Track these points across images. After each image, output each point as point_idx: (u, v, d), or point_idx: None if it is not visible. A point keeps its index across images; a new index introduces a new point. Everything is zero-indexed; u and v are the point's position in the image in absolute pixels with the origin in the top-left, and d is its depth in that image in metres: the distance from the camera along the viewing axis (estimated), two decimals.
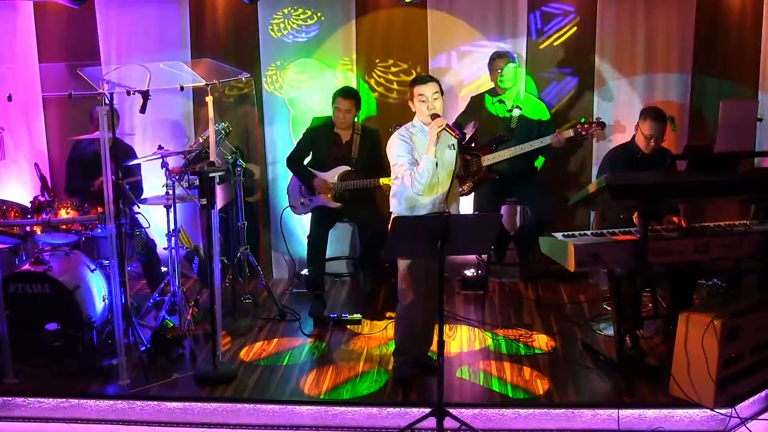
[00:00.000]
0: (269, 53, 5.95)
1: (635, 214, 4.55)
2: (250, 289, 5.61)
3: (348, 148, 5.35)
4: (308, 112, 5.90)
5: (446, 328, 4.97)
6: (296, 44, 5.93)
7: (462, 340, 4.87)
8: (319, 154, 5.44)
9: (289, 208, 5.60)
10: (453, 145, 4.14)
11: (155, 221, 5.23)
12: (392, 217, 4.10)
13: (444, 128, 3.90)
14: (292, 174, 5.52)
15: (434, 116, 3.94)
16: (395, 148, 4.05)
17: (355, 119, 5.37)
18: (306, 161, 5.49)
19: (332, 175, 5.33)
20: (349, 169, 5.32)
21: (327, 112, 5.50)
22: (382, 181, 5.10)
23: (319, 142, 5.42)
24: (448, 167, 4.11)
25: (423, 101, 3.99)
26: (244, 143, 5.92)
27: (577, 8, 5.72)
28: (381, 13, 5.88)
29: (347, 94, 5.30)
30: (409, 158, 4.01)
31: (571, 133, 5.10)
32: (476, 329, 5.04)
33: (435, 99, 3.99)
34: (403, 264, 4.12)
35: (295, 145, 5.55)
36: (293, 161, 5.47)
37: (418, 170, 3.93)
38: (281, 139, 6.00)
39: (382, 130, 5.35)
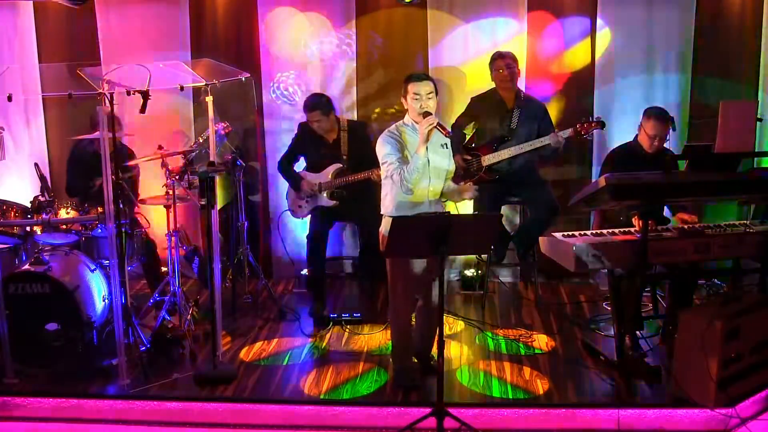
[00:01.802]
0: (269, 53, 5.95)
1: (635, 218, 4.57)
2: (250, 289, 5.61)
3: (337, 147, 5.33)
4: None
5: (446, 328, 4.98)
6: (296, 44, 5.93)
7: (462, 340, 4.87)
8: (310, 157, 5.45)
9: (288, 211, 5.60)
10: (446, 144, 4.12)
11: (155, 221, 5.23)
12: (384, 218, 4.11)
13: (434, 126, 3.89)
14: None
15: (425, 114, 3.93)
16: (384, 147, 4.03)
17: (338, 117, 5.35)
18: (301, 165, 5.50)
19: (326, 175, 5.33)
20: (342, 166, 5.31)
21: None
22: (376, 172, 5.05)
23: (307, 146, 5.41)
24: (441, 168, 4.10)
25: (417, 99, 3.97)
26: (244, 143, 5.93)
27: (578, 10, 5.71)
28: (381, 13, 5.88)
29: (310, 107, 5.21)
30: (398, 156, 3.99)
31: (570, 132, 5.10)
32: (476, 329, 5.05)
33: (429, 98, 3.97)
34: (390, 266, 4.12)
35: (287, 149, 5.55)
36: (282, 165, 5.48)
37: (408, 168, 3.92)
38: (281, 140, 5.99)
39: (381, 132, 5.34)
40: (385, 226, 4.11)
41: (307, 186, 5.33)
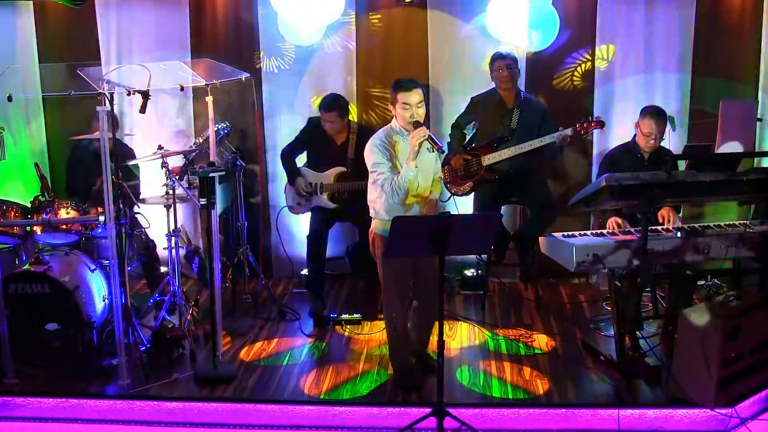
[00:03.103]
0: (269, 54, 5.95)
1: (610, 220, 4.60)
2: (250, 289, 5.61)
3: (343, 150, 5.33)
4: (307, 112, 5.90)
5: (446, 328, 4.98)
6: (296, 45, 5.92)
7: (462, 340, 4.87)
8: (315, 155, 5.45)
9: (286, 207, 5.61)
10: (432, 147, 4.10)
11: (155, 221, 5.23)
12: (374, 220, 4.10)
13: (426, 139, 3.86)
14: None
15: (416, 124, 3.89)
16: (374, 155, 3.99)
17: (350, 119, 5.36)
18: (302, 160, 5.50)
19: (328, 177, 5.33)
20: (345, 170, 5.31)
21: None
22: None
23: (314, 144, 5.42)
24: (428, 172, 4.08)
25: (407, 109, 3.93)
26: (243, 143, 5.92)
27: (578, 11, 5.71)
28: (381, 13, 5.87)
29: (327, 106, 5.24)
30: (389, 165, 3.96)
31: (570, 132, 5.10)
32: (476, 329, 5.05)
33: (419, 107, 3.92)
34: (382, 267, 4.12)
35: (292, 140, 5.55)
36: (285, 155, 5.49)
37: (399, 181, 3.89)
38: (281, 140, 5.99)
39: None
40: (375, 228, 4.11)
41: (303, 183, 5.33)
